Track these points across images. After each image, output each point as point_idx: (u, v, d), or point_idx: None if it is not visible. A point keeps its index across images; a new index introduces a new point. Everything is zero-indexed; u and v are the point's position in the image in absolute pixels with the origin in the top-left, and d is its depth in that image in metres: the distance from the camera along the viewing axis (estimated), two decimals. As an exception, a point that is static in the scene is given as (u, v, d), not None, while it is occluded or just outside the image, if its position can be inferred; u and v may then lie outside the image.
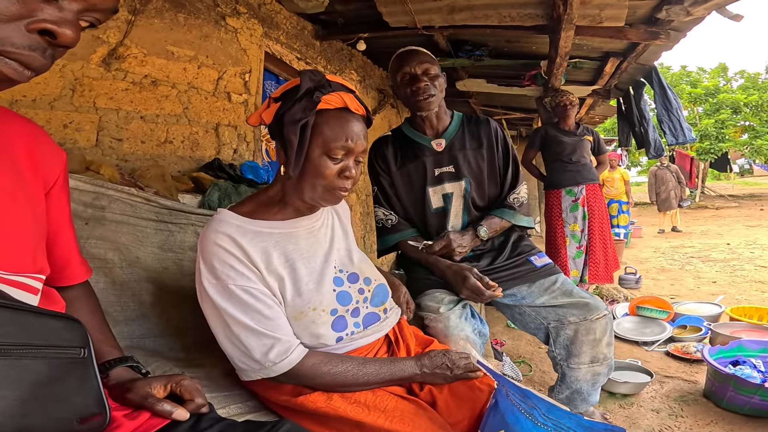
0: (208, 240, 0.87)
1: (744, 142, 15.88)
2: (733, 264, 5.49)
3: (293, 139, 0.87)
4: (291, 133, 0.87)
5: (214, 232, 0.88)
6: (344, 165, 0.91)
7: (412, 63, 1.45)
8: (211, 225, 0.90)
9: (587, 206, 3.35)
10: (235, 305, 0.85)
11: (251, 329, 0.84)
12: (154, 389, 0.70)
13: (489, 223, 1.54)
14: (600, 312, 1.43)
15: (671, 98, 3.83)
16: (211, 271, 0.86)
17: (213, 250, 0.86)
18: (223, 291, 0.85)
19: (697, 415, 1.95)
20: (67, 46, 0.54)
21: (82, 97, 2.09)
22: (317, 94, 0.87)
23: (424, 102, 1.46)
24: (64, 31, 0.52)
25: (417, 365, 0.95)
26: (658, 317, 3.07)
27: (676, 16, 2.42)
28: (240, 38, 2.86)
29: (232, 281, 0.85)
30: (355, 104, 0.92)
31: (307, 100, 0.87)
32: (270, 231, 0.93)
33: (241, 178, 2.39)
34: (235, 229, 0.89)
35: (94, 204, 1.17)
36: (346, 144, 0.89)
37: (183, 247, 1.34)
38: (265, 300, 0.87)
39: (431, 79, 1.45)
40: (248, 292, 0.85)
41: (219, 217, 0.92)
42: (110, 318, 1.12)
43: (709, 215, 11.84)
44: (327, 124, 0.89)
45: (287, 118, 0.87)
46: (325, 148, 0.89)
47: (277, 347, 0.84)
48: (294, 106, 0.87)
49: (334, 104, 0.89)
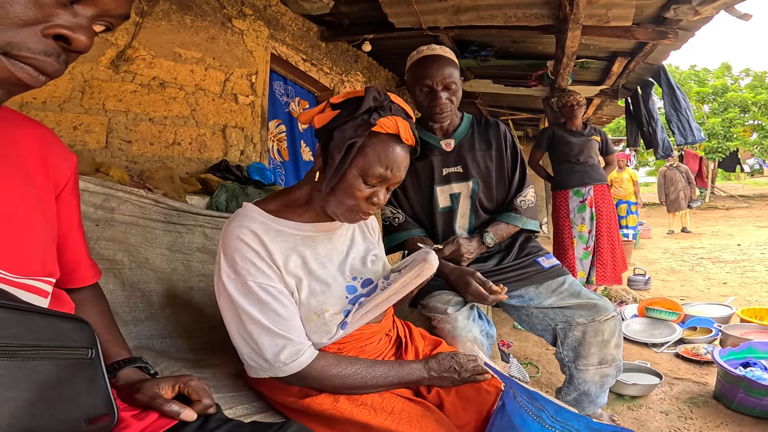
0: (232, 234, 0.87)
1: (754, 141, 15.68)
2: (744, 265, 5.42)
3: (336, 157, 0.85)
4: (336, 150, 0.85)
5: (239, 227, 0.87)
6: (375, 191, 0.89)
7: (435, 76, 1.40)
8: (235, 219, 0.90)
9: (595, 207, 3.32)
10: (252, 302, 0.84)
11: (265, 328, 0.84)
12: (162, 390, 0.71)
13: (495, 229, 1.54)
14: (609, 313, 1.42)
15: (680, 98, 3.79)
16: (232, 266, 0.86)
17: (235, 244, 0.86)
18: (241, 287, 0.85)
19: (707, 417, 1.93)
20: (80, 52, 0.54)
21: (91, 99, 2.12)
22: (375, 116, 0.85)
23: (439, 116, 1.46)
24: (79, 37, 0.52)
25: (425, 368, 0.95)
26: (667, 319, 3.03)
27: (684, 15, 2.39)
28: (246, 40, 2.88)
29: (251, 277, 0.85)
30: (408, 134, 0.89)
31: (363, 119, 0.84)
32: (292, 232, 0.93)
33: (248, 179, 2.41)
34: (259, 225, 0.89)
35: (103, 206, 1.18)
36: (385, 173, 0.87)
37: (191, 248, 1.35)
38: (282, 299, 0.87)
39: (451, 94, 1.44)
40: (266, 290, 0.85)
41: (244, 211, 0.92)
42: (119, 319, 1.13)
43: (719, 216, 11.69)
44: (373, 148, 0.86)
45: (338, 133, 0.85)
46: (363, 171, 0.86)
47: (288, 348, 0.84)
48: (348, 122, 0.85)
49: (387, 129, 0.86)
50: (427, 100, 1.46)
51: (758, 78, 17.02)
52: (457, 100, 1.49)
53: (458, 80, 1.46)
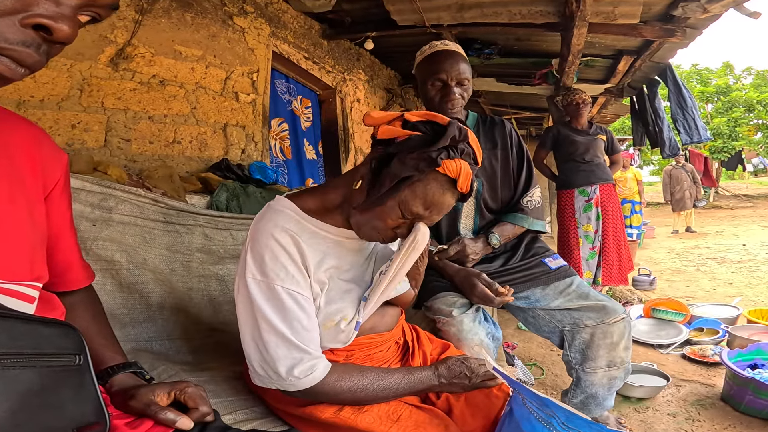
0: (265, 231, 0.81)
1: (759, 141, 15.59)
2: (750, 265, 5.37)
3: (386, 184, 0.79)
4: (389, 178, 0.78)
5: (273, 224, 0.81)
6: (403, 224, 0.83)
7: (450, 71, 1.39)
8: (269, 214, 0.84)
9: (601, 206, 3.29)
10: (275, 308, 0.79)
11: (285, 338, 0.78)
12: (157, 396, 0.68)
13: (501, 230, 1.51)
14: (618, 315, 1.39)
15: (686, 96, 3.75)
16: (259, 266, 0.79)
17: (269, 243, 0.80)
18: (267, 290, 0.79)
19: (715, 419, 1.90)
20: (63, 43, 0.52)
21: (90, 98, 2.09)
22: (443, 156, 0.76)
23: (451, 111, 1.43)
24: (61, 27, 0.50)
25: (435, 375, 0.92)
26: (673, 319, 3.00)
27: (693, 13, 2.36)
28: (247, 38, 2.86)
29: (280, 282, 0.79)
30: (466, 184, 0.81)
31: (429, 157, 0.76)
32: (326, 234, 0.88)
33: (249, 178, 2.38)
34: (295, 225, 0.83)
35: (101, 205, 1.16)
36: (424, 213, 0.81)
37: (190, 248, 1.33)
38: (308, 309, 0.82)
39: (464, 90, 1.43)
40: (294, 298, 0.80)
41: (279, 206, 0.86)
42: (117, 320, 1.11)
43: (724, 215, 11.62)
44: (423, 185, 0.78)
45: (396, 164, 0.78)
46: (403, 204, 0.80)
47: (305, 363, 0.79)
48: (413, 153, 0.77)
49: (448, 172, 0.78)
50: (439, 95, 1.43)
51: (761, 76, 16.93)
52: (468, 97, 1.47)
53: (470, 77, 1.45)
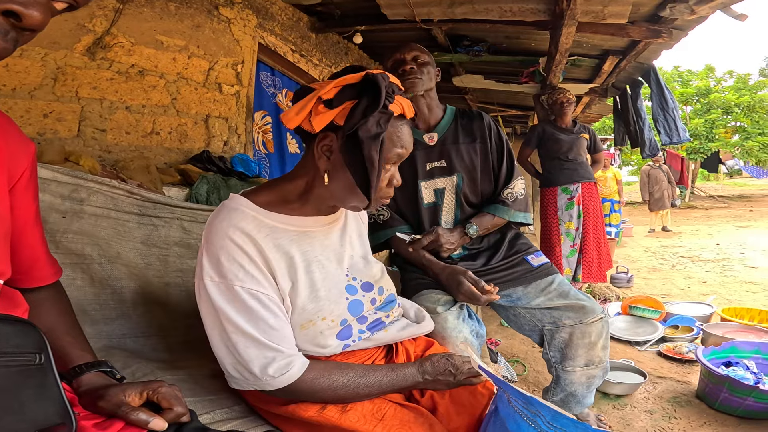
0: (219, 231, 0.78)
1: (735, 143, 16.01)
2: (723, 264, 5.53)
3: (374, 157, 0.77)
4: (372, 152, 0.77)
5: (227, 223, 0.79)
6: (392, 174, 0.87)
7: (403, 50, 1.46)
8: (222, 213, 0.81)
9: (582, 205, 3.33)
10: (239, 309, 0.76)
11: (253, 339, 0.76)
12: (128, 397, 0.65)
13: (480, 220, 1.50)
14: (596, 315, 1.40)
15: (668, 98, 3.82)
16: (216, 268, 0.77)
17: (223, 243, 0.77)
18: (226, 291, 0.77)
19: (691, 416, 1.94)
20: (33, 30, 0.50)
21: (64, 87, 2.02)
22: (387, 102, 0.79)
23: (408, 81, 1.43)
24: (31, 13, 0.47)
25: (419, 372, 0.90)
26: (650, 317, 3.06)
27: (680, 14, 2.38)
28: (233, 29, 2.79)
29: (239, 282, 0.77)
30: (410, 110, 0.87)
31: (381, 111, 0.78)
32: (286, 227, 0.85)
33: (231, 171, 2.33)
34: (251, 222, 0.81)
35: (72, 197, 1.11)
36: (401, 152, 0.85)
37: (168, 242, 1.28)
38: (273, 307, 0.79)
39: (419, 65, 1.45)
40: (255, 297, 0.77)
41: (233, 204, 0.83)
42: (88, 317, 1.07)
43: (699, 215, 11.95)
44: (390, 136, 0.83)
45: (364, 133, 0.77)
46: (386, 159, 0.83)
47: (278, 361, 0.77)
48: (369, 119, 0.77)
49: (396, 112, 0.83)
50: (395, 71, 1.45)
51: (741, 80, 17.37)
52: (429, 76, 1.47)
53: (428, 59, 1.48)
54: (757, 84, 17.73)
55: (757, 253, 6.10)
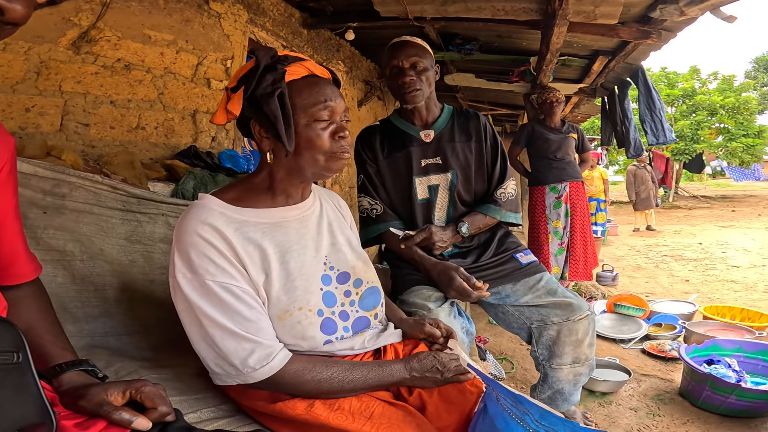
0: (187, 228, 0.80)
1: (719, 144, 16.28)
2: (706, 263, 5.64)
3: (276, 111, 0.81)
4: (272, 106, 0.81)
5: (195, 220, 0.80)
6: (335, 126, 0.88)
7: (401, 56, 1.43)
8: (191, 211, 0.83)
9: (570, 203, 3.36)
10: (213, 304, 0.77)
11: (229, 331, 0.77)
12: (110, 396, 0.64)
13: (472, 219, 1.51)
14: (582, 312, 1.42)
15: (655, 98, 3.87)
16: (187, 264, 0.78)
17: (191, 240, 0.79)
18: (199, 287, 0.78)
19: (674, 414, 1.97)
20: (16, 24, 0.49)
21: (47, 81, 1.98)
22: (279, 66, 0.84)
23: (409, 95, 1.45)
24: (14, 7, 0.47)
25: (406, 369, 0.89)
26: (634, 315, 3.11)
27: (670, 15, 2.41)
28: (223, 24, 2.76)
29: (210, 277, 0.78)
30: (320, 69, 0.90)
31: (272, 73, 0.83)
32: (257, 220, 0.86)
33: (219, 166, 2.30)
34: (219, 217, 0.82)
35: (53, 192, 1.08)
36: (327, 104, 0.86)
37: (152, 238, 1.26)
38: (247, 299, 0.80)
39: (418, 73, 1.44)
40: (228, 290, 0.78)
41: (201, 203, 0.85)
42: (69, 315, 1.04)
43: (682, 215, 12.17)
44: (299, 93, 0.85)
45: (260, 93, 0.82)
46: (308, 115, 0.85)
47: (257, 352, 0.77)
48: (261, 82, 0.82)
49: (300, 73, 0.86)
50: (395, 80, 1.46)
51: (726, 81, 17.66)
52: (429, 82, 1.47)
53: (426, 62, 1.46)
54: (742, 86, 18.05)
55: (739, 252, 6.23)
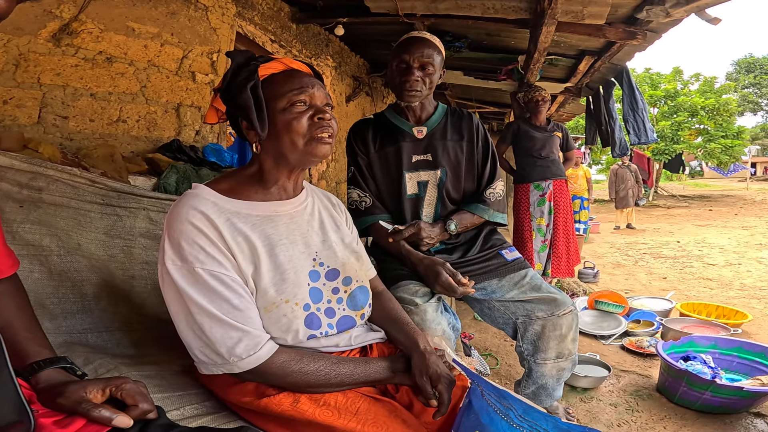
0: (179, 216, 0.80)
1: (698, 145, 16.64)
2: (683, 261, 5.79)
3: (248, 101, 0.84)
4: (244, 97, 0.85)
5: (187, 208, 0.81)
6: (314, 110, 0.89)
7: (414, 53, 1.41)
8: (183, 200, 0.83)
9: (553, 201, 3.41)
10: (201, 291, 0.77)
11: (217, 319, 0.77)
12: (89, 393, 0.63)
13: (460, 217, 1.53)
14: (566, 308, 1.44)
15: (638, 99, 3.94)
16: (177, 252, 0.78)
17: (183, 227, 0.79)
18: (188, 275, 0.77)
19: (652, 410, 2.01)
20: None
21: (25, 73, 1.94)
22: (253, 63, 0.87)
23: (409, 95, 1.45)
24: None
25: (391, 368, 0.90)
26: (614, 311, 3.17)
27: (656, 17, 2.45)
28: (210, 17, 2.71)
29: (200, 264, 0.78)
30: (297, 63, 0.92)
31: (246, 70, 0.87)
32: (248, 212, 0.87)
33: (203, 160, 2.26)
34: (211, 207, 0.82)
35: (30, 185, 1.05)
36: (304, 89, 0.88)
37: (133, 233, 1.23)
38: (236, 288, 0.80)
39: (425, 75, 1.44)
40: (217, 278, 0.78)
41: (194, 192, 0.85)
42: (47, 311, 1.01)
43: (661, 214, 12.46)
44: (277, 83, 0.88)
45: (234, 86, 0.86)
46: (285, 99, 0.87)
47: (245, 341, 0.78)
48: (235, 78, 0.87)
49: (278, 68, 0.89)
50: (400, 76, 1.44)
51: (707, 83, 18.05)
52: (431, 85, 1.47)
53: (437, 64, 1.45)
54: (722, 87, 18.44)
55: (715, 250, 6.41)
